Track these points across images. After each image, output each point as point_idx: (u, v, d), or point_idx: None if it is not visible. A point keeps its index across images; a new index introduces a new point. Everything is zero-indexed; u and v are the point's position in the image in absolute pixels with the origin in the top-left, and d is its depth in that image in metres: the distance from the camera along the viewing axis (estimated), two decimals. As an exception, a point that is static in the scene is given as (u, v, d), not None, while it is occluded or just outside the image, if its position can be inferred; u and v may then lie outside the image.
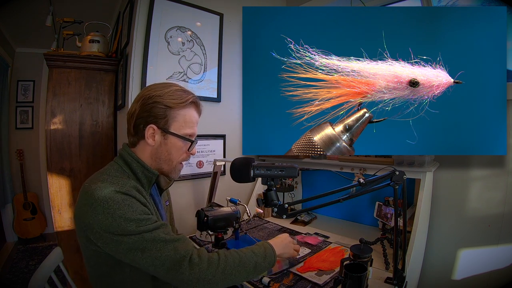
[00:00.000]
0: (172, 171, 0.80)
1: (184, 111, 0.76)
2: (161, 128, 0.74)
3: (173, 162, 0.78)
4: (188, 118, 0.77)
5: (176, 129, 0.76)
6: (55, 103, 1.80)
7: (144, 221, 0.64)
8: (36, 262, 2.54)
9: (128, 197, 0.65)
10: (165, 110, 0.74)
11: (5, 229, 3.00)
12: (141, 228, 0.62)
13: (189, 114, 0.78)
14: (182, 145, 0.77)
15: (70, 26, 2.01)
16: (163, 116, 0.74)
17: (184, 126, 0.77)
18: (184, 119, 0.76)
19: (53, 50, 1.95)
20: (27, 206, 3.03)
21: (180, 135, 0.76)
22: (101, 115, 1.95)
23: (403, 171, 0.85)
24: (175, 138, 0.76)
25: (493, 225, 1.17)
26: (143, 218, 0.64)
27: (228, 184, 1.73)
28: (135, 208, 0.64)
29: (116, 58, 1.97)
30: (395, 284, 0.93)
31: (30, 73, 3.20)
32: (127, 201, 0.64)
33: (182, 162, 0.81)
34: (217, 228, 1.01)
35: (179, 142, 0.77)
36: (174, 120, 0.75)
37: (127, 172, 0.75)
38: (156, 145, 0.76)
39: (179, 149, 0.77)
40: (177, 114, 0.75)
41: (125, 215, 0.62)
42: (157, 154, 0.76)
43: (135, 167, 0.75)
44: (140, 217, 0.64)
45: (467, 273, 1.24)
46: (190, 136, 0.78)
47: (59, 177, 1.80)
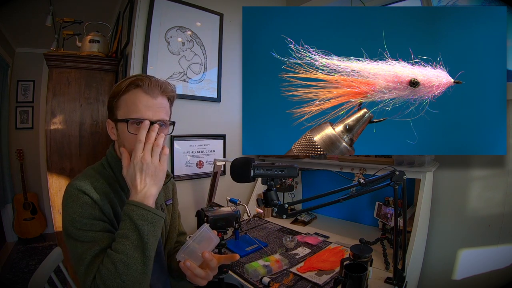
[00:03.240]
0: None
1: (125, 96, 0.71)
2: (112, 119, 0.74)
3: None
4: (131, 101, 0.71)
5: (121, 116, 0.71)
6: (55, 103, 1.80)
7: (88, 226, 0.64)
8: (36, 262, 2.53)
9: (85, 196, 0.66)
10: (111, 101, 0.73)
11: (5, 229, 3.00)
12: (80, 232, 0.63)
13: (131, 97, 0.71)
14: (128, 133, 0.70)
15: (70, 26, 2.01)
16: (111, 108, 0.74)
17: (128, 111, 0.70)
18: (126, 104, 0.71)
19: (53, 50, 1.95)
20: (27, 206, 3.02)
21: (119, 119, 0.71)
22: (101, 115, 1.94)
23: (403, 171, 0.85)
24: (122, 126, 0.72)
25: (493, 225, 1.17)
26: (87, 223, 0.64)
27: (228, 184, 1.73)
28: (85, 209, 0.65)
29: (116, 58, 1.97)
30: (395, 284, 0.93)
31: (30, 73, 3.20)
32: (80, 200, 0.65)
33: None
34: (217, 228, 1.01)
35: (125, 129, 0.71)
36: (118, 109, 0.72)
37: (107, 171, 0.76)
38: (118, 139, 0.75)
39: (128, 137, 0.70)
40: (121, 101, 0.72)
41: (73, 214, 0.64)
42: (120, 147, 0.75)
43: (114, 166, 0.76)
44: (86, 221, 0.64)
45: (467, 273, 1.24)
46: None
47: (59, 177, 1.79)
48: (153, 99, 0.72)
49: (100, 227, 0.66)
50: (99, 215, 0.67)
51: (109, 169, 0.76)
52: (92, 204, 0.66)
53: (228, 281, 1.08)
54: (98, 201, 0.67)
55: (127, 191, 0.76)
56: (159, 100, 0.73)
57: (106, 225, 0.68)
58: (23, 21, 2.51)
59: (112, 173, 0.76)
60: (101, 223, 0.66)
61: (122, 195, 0.75)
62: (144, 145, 0.66)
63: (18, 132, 3.19)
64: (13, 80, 3.13)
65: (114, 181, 0.75)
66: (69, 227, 0.64)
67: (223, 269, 0.86)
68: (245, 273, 1.06)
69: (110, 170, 0.76)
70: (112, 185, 0.74)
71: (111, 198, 0.71)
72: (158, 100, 0.73)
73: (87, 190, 0.66)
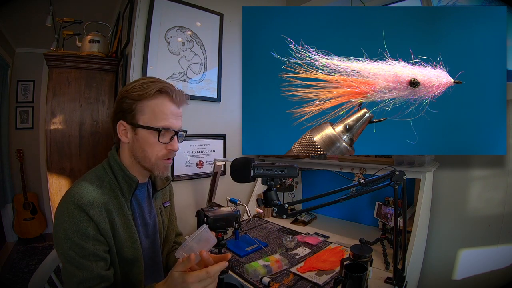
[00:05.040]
0: (154, 168, 0.75)
1: (152, 102, 0.71)
2: (129, 123, 0.72)
3: (151, 159, 0.74)
4: (159, 109, 0.71)
5: (145, 122, 0.71)
6: (55, 103, 1.80)
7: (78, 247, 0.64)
8: (36, 262, 2.53)
9: (80, 212, 0.65)
10: (131, 103, 0.71)
11: (5, 229, 3.00)
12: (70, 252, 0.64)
13: (159, 105, 0.72)
14: (154, 139, 0.72)
15: (70, 26, 2.01)
16: (130, 111, 0.71)
17: (154, 119, 0.71)
18: (153, 111, 0.71)
19: (53, 50, 1.95)
20: (27, 206, 3.02)
21: (148, 127, 0.71)
22: (101, 115, 1.95)
23: (403, 171, 0.85)
24: (145, 132, 0.71)
25: (493, 225, 1.17)
26: (78, 243, 0.64)
27: (228, 184, 1.73)
28: (79, 227, 0.64)
29: (116, 58, 1.97)
30: (395, 284, 0.93)
31: (30, 73, 3.20)
32: (75, 218, 0.64)
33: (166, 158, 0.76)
34: (217, 228, 1.00)
35: (150, 137, 0.71)
36: (142, 114, 0.71)
37: (109, 175, 0.74)
38: (130, 143, 0.73)
39: (153, 144, 0.72)
40: (145, 107, 0.71)
41: (67, 231, 0.64)
42: (133, 151, 0.74)
43: (117, 172, 0.74)
44: (77, 240, 0.64)
45: (467, 273, 1.24)
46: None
47: (59, 177, 1.80)
48: (178, 108, 0.75)
49: (89, 251, 0.65)
50: (93, 234, 0.66)
51: (111, 174, 0.75)
52: (87, 221, 0.66)
53: (228, 281, 1.08)
54: (95, 217, 0.66)
55: (127, 196, 0.75)
56: (180, 109, 0.77)
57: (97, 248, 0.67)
58: (23, 21, 2.51)
59: (114, 178, 0.74)
60: (91, 247, 0.66)
61: (123, 202, 0.74)
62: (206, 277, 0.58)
63: (18, 132, 3.19)
64: (13, 80, 3.13)
65: (115, 186, 0.74)
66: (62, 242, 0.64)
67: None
68: (245, 273, 1.06)
69: (112, 175, 0.75)
70: (113, 190, 0.73)
71: (109, 208, 0.70)
72: (180, 109, 0.77)
73: (84, 205, 0.65)
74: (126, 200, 0.75)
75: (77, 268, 0.64)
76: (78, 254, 0.64)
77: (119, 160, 0.75)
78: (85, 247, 0.65)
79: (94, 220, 0.66)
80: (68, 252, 0.64)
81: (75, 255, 0.64)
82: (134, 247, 0.74)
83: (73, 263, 0.64)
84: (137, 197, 0.80)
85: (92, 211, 0.66)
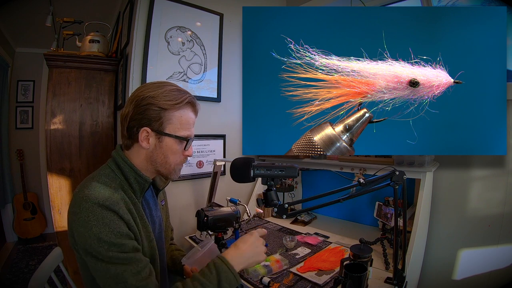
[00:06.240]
0: (171, 173, 0.76)
1: (179, 112, 0.72)
2: (155, 130, 0.71)
3: (171, 165, 0.75)
4: (185, 119, 0.73)
5: (172, 131, 0.72)
6: (55, 103, 1.80)
7: (117, 246, 0.61)
8: (36, 262, 2.53)
9: (110, 212, 0.62)
10: (159, 112, 0.70)
11: (5, 229, 3.00)
12: (110, 254, 0.60)
13: (185, 115, 0.73)
14: (178, 147, 0.73)
15: (70, 26, 2.01)
16: (157, 118, 0.70)
17: (180, 128, 0.72)
18: (180, 121, 0.72)
19: (53, 50, 1.95)
20: (27, 206, 3.03)
21: (176, 136, 0.72)
22: (101, 115, 1.95)
23: (403, 171, 0.85)
24: (171, 141, 0.72)
25: (493, 225, 1.17)
26: (116, 243, 0.61)
27: (228, 184, 1.73)
28: (112, 228, 0.61)
29: (116, 58, 1.97)
30: (395, 284, 0.93)
31: (30, 73, 3.20)
32: (106, 219, 0.61)
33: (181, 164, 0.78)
34: (217, 228, 1.00)
35: (175, 145, 0.73)
36: (169, 122, 0.71)
37: (119, 177, 0.72)
38: (151, 148, 0.72)
39: (175, 152, 0.73)
40: (172, 116, 0.71)
41: (99, 234, 0.60)
42: (153, 157, 0.73)
43: (128, 172, 0.72)
44: (114, 240, 0.61)
45: (467, 273, 1.24)
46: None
47: (59, 177, 1.80)
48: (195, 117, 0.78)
49: (130, 246, 0.63)
50: (126, 232, 0.64)
51: (121, 175, 0.72)
52: (118, 219, 0.63)
53: (228, 281, 1.08)
54: (124, 214, 0.64)
55: (139, 196, 0.74)
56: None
57: (134, 243, 0.65)
58: (23, 21, 2.51)
59: (125, 179, 0.72)
60: (129, 242, 0.63)
61: (136, 202, 0.72)
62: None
63: (18, 132, 3.19)
64: (13, 80, 3.13)
65: (127, 187, 0.72)
66: (95, 247, 0.60)
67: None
68: (245, 273, 1.06)
69: (122, 176, 0.72)
70: (126, 191, 0.71)
71: (130, 208, 0.68)
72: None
73: (111, 205, 0.62)
74: (138, 200, 0.74)
75: (125, 264, 0.61)
76: (120, 251, 0.61)
77: (129, 161, 0.73)
78: (125, 243, 0.62)
79: (123, 218, 0.64)
80: (107, 254, 0.60)
81: (118, 254, 0.61)
82: (151, 247, 0.73)
83: (118, 262, 0.61)
84: (145, 198, 0.79)
85: (118, 208, 0.64)
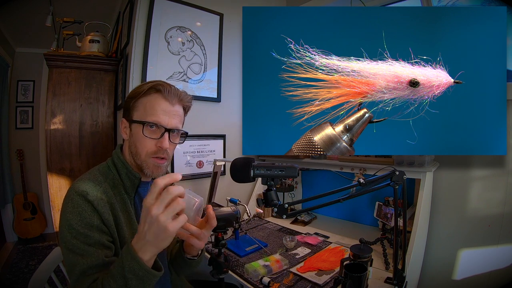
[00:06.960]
0: (144, 166, 0.74)
1: (144, 99, 0.74)
2: (127, 119, 0.76)
3: (141, 156, 0.74)
4: (149, 105, 0.73)
5: (137, 117, 0.74)
6: (55, 103, 1.81)
7: (83, 236, 0.63)
8: (36, 262, 2.53)
9: (85, 202, 0.65)
10: (129, 101, 0.75)
11: (5, 229, 3.00)
12: (73, 241, 0.63)
13: (150, 101, 0.74)
14: (145, 134, 0.72)
15: (70, 26, 2.01)
16: (128, 108, 0.76)
17: (145, 114, 0.73)
18: (144, 107, 0.74)
19: (53, 50, 1.95)
20: (27, 206, 3.02)
21: (137, 121, 0.73)
22: (101, 115, 1.95)
23: (403, 171, 0.85)
24: (135, 126, 0.74)
25: (493, 225, 1.17)
26: (83, 232, 0.63)
27: (228, 184, 1.73)
28: (83, 217, 0.64)
29: (116, 58, 1.97)
30: (395, 284, 0.93)
31: (30, 73, 3.19)
32: (80, 207, 0.65)
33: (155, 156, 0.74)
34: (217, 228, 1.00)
35: (139, 131, 0.73)
36: (136, 110, 0.75)
37: (113, 172, 0.76)
38: (129, 139, 0.77)
39: (141, 138, 0.73)
40: (139, 103, 0.74)
41: (71, 221, 0.64)
42: (130, 148, 0.76)
43: (120, 168, 0.76)
44: (81, 230, 0.63)
45: (467, 273, 1.24)
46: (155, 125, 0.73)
47: (59, 177, 1.80)
48: (171, 106, 0.76)
49: (95, 240, 0.64)
50: (97, 224, 0.66)
51: (115, 170, 0.77)
52: (92, 211, 0.66)
53: (228, 281, 1.08)
54: (99, 207, 0.67)
55: (131, 193, 0.77)
56: (176, 107, 0.77)
57: (102, 237, 0.66)
58: (23, 21, 2.51)
59: (118, 175, 0.76)
60: (96, 235, 0.65)
61: (126, 198, 0.75)
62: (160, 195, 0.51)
63: (18, 132, 3.18)
64: (13, 80, 3.13)
65: (119, 183, 0.76)
66: (65, 232, 0.64)
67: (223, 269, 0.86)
68: (245, 273, 1.06)
69: (115, 172, 0.77)
70: (116, 187, 0.75)
71: (113, 203, 0.71)
72: (175, 107, 0.77)
73: (88, 195, 0.66)
74: (129, 197, 0.76)
75: (81, 256, 0.62)
76: (82, 242, 0.63)
77: (122, 157, 0.77)
78: (90, 235, 0.64)
79: (98, 211, 0.67)
80: (71, 241, 0.63)
81: (79, 243, 0.63)
82: None
83: (77, 252, 0.63)
84: (141, 195, 0.80)
85: (96, 201, 0.67)
